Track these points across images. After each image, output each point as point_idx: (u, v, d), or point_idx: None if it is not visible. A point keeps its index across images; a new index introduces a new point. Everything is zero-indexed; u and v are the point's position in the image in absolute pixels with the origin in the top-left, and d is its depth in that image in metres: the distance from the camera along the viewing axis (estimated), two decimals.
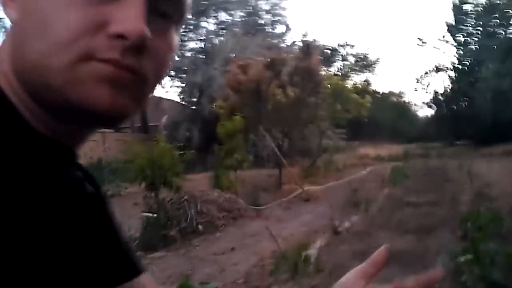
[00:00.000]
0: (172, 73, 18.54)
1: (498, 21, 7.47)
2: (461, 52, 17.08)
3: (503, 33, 8.03)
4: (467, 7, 15.85)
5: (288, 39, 20.86)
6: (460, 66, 17.68)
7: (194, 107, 18.55)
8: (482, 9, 9.67)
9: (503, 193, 6.97)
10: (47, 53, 0.41)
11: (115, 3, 0.41)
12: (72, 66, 0.41)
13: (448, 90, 18.89)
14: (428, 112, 22.09)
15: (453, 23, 17.16)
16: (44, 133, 0.45)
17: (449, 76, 18.90)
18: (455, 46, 17.70)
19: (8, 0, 0.47)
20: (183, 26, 0.54)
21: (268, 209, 7.21)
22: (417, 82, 21.97)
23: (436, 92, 19.80)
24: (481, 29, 14.27)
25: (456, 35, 17.12)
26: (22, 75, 0.44)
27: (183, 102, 19.71)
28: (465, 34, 16.48)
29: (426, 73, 20.08)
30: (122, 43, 0.41)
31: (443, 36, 17.87)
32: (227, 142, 8.34)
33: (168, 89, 25.53)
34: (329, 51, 24.79)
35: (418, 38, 25.47)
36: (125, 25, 0.41)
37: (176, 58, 16.86)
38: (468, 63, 16.45)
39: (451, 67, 18.46)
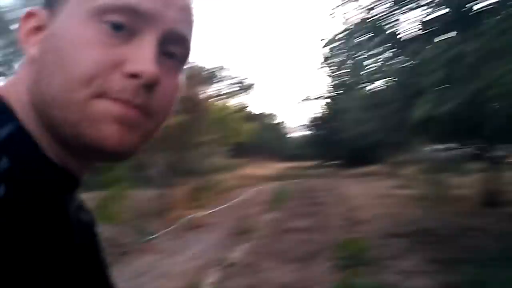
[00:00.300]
0: None
1: (364, 57, 8.65)
2: (334, 82, 19.17)
3: (367, 69, 9.37)
4: (339, 43, 17.87)
5: None
6: (332, 95, 19.82)
7: None
8: (351, 46, 11.01)
9: (371, 216, 7.90)
10: (68, 89, 0.45)
11: (129, 44, 0.46)
12: (88, 102, 0.45)
13: (322, 115, 20.94)
14: (305, 134, 24.00)
15: (328, 55, 19.14)
16: (55, 161, 0.48)
17: (323, 103, 21.03)
18: (329, 76, 19.80)
19: (27, 37, 0.51)
20: None
21: (157, 240, 7.07)
22: (296, 106, 24.10)
23: (310, 118, 21.83)
24: (350, 64, 16.12)
25: (330, 66, 19.12)
26: (40, 107, 0.47)
27: None
28: (337, 67, 18.51)
29: (302, 100, 22.00)
30: (135, 82, 0.45)
31: (320, 67, 19.90)
32: (111, 171, 8.00)
33: None
34: (209, 73, 25.28)
35: (294, 68, 27.60)
36: (139, 66, 0.45)
37: None
38: (339, 93, 18.46)
39: (325, 95, 20.62)
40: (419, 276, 4.54)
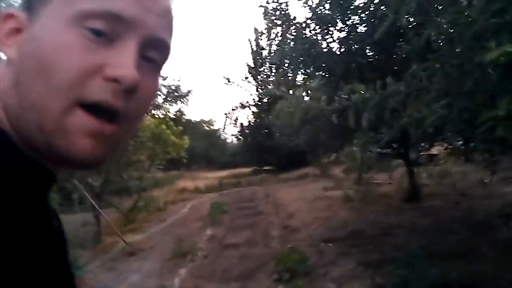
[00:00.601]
0: None
1: (286, 66, 8.95)
2: (261, 91, 19.67)
3: (292, 75, 9.72)
4: (263, 52, 18.46)
5: None
6: (260, 103, 20.27)
7: None
8: (274, 54, 11.38)
9: (306, 223, 8.12)
10: (48, 96, 0.44)
11: (110, 49, 0.46)
12: (65, 113, 0.44)
13: (252, 123, 21.28)
14: (240, 140, 24.14)
15: (253, 65, 19.69)
16: (30, 158, 0.47)
17: (252, 112, 21.38)
18: (255, 86, 20.31)
19: (5, 39, 0.49)
20: None
21: (89, 273, 6.72)
22: (226, 116, 24.40)
23: (242, 125, 22.05)
24: (274, 72, 16.69)
25: (256, 76, 19.66)
26: (15, 111, 0.46)
27: None
28: (263, 76, 19.10)
29: (233, 108, 22.15)
30: (116, 86, 0.46)
31: (246, 77, 20.33)
32: None
33: None
34: None
35: (225, 77, 27.72)
36: (120, 71, 0.45)
37: None
38: (266, 101, 18.94)
39: (253, 104, 21.01)
40: (353, 281, 4.76)
